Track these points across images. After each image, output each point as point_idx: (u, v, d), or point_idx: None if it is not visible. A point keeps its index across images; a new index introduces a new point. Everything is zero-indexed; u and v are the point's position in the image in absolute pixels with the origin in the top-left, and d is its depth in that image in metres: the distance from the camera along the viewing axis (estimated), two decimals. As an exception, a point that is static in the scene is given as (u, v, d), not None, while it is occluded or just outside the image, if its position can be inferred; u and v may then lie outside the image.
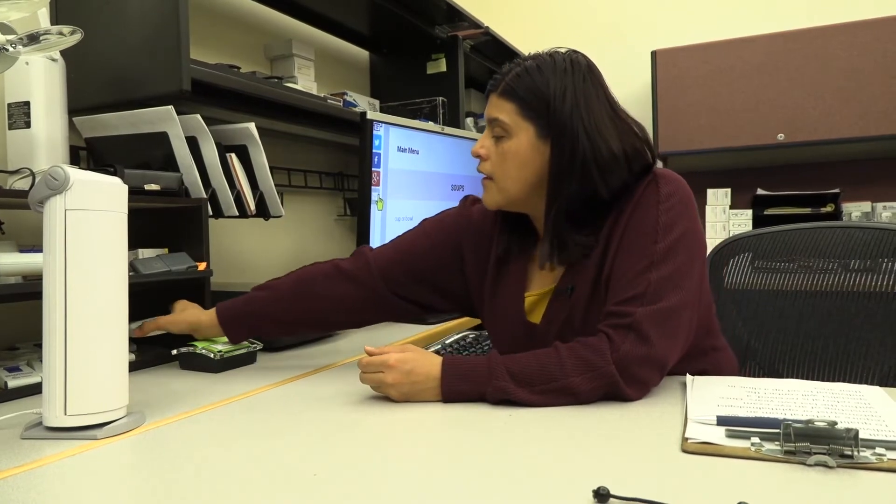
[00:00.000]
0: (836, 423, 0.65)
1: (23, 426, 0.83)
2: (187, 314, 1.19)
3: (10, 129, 1.19)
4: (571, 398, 0.88)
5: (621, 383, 0.88)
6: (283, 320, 1.16)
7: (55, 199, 0.79)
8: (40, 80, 1.19)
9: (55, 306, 0.79)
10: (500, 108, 1.00)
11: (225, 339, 1.20)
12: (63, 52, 1.20)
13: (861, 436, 0.65)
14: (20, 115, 1.18)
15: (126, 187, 0.86)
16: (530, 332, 1.05)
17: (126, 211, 0.86)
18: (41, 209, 0.80)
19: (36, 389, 1.02)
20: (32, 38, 0.97)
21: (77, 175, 0.80)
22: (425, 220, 1.20)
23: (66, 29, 0.99)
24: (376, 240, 1.81)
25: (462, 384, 0.91)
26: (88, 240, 0.81)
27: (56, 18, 1.38)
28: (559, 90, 0.97)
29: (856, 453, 0.64)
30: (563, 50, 1.02)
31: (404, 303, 1.16)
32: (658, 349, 0.89)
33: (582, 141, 0.95)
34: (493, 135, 1.02)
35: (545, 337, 1.02)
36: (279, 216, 1.60)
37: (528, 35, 3.11)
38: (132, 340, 1.21)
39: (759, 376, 1.34)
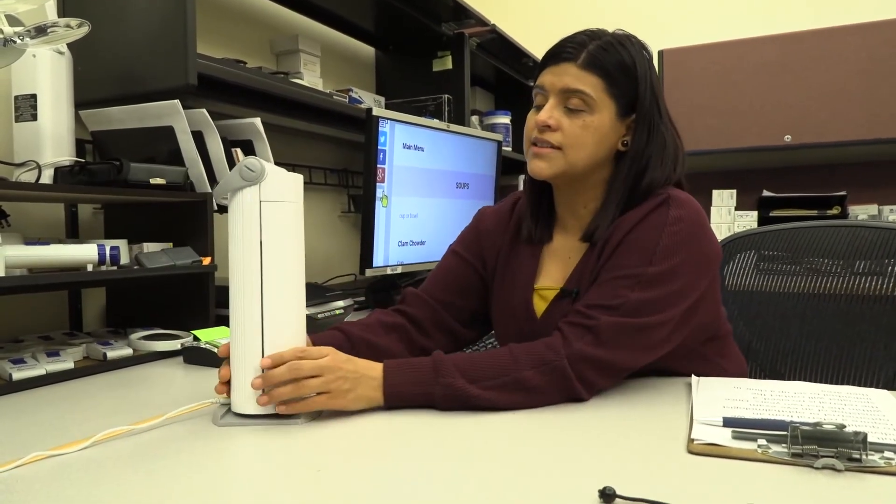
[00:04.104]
0: (844, 426, 0.65)
1: (210, 416, 0.83)
2: None
3: (16, 121, 1.19)
4: (524, 394, 0.85)
5: (573, 378, 0.86)
6: None
7: (249, 189, 0.80)
8: (47, 72, 1.19)
9: (250, 294, 0.81)
10: (583, 80, 0.96)
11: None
12: (70, 46, 1.20)
13: (869, 439, 0.64)
14: (27, 107, 1.18)
15: (301, 178, 0.86)
16: (532, 325, 1.04)
17: (302, 201, 0.86)
18: (227, 199, 0.82)
19: (40, 382, 1.02)
20: (40, 31, 0.97)
21: (269, 167, 0.81)
22: (449, 245, 1.19)
23: (73, 22, 0.99)
24: (380, 236, 1.81)
25: (407, 385, 0.85)
26: (280, 229, 0.82)
27: (63, 11, 1.38)
28: (643, 72, 0.98)
29: (864, 457, 0.63)
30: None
31: (465, 329, 1.13)
32: (612, 357, 0.88)
33: (658, 130, 0.98)
34: (566, 106, 0.98)
35: (543, 331, 1.00)
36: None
37: (534, 33, 3.09)
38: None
39: (760, 378, 1.33)
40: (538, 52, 1.05)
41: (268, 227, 0.81)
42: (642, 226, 0.94)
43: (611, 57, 0.97)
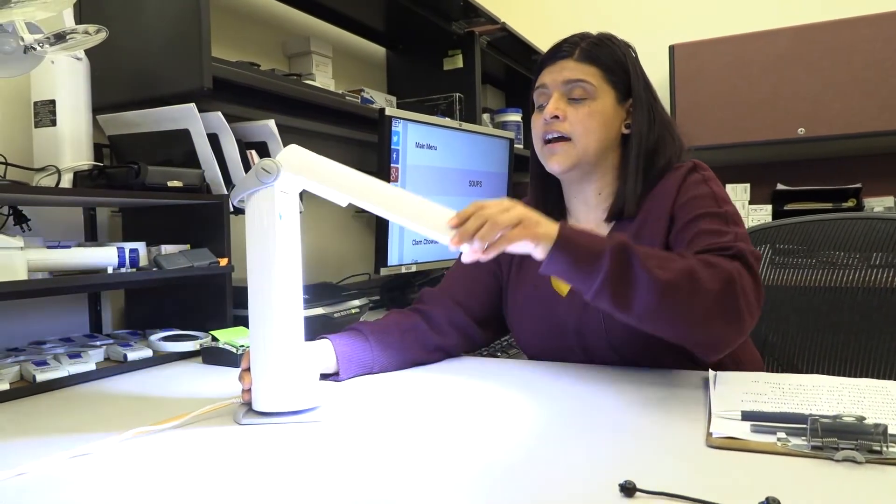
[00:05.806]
0: (864, 419, 0.65)
1: (232, 414, 0.85)
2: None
3: (36, 127, 1.21)
4: (689, 281, 0.83)
5: (737, 283, 0.85)
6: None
7: (265, 191, 0.84)
8: (66, 78, 1.20)
9: (268, 292, 0.83)
10: (583, 71, 1.04)
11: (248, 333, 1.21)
12: (87, 51, 1.22)
13: (890, 431, 0.64)
14: (46, 113, 1.20)
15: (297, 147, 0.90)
16: (556, 307, 1.06)
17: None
18: (244, 201, 0.85)
19: (63, 383, 1.04)
20: (59, 38, 0.98)
21: (282, 166, 0.85)
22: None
23: (91, 28, 1.00)
24: (395, 235, 1.82)
25: (580, 235, 0.85)
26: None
27: (80, 18, 1.40)
28: (633, 63, 1.06)
29: (885, 449, 0.63)
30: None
31: (480, 330, 1.15)
32: (757, 282, 0.89)
33: (657, 110, 1.06)
34: (569, 97, 1.04)
35: (570, 309, 1.03)
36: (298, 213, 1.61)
37: (544, 30, 3.08)
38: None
39: (776, 371, 1.33)
40: (548, 49, 1.07)
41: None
42: (687, 185, 1.01)
43: (602, 50, 1.05)
